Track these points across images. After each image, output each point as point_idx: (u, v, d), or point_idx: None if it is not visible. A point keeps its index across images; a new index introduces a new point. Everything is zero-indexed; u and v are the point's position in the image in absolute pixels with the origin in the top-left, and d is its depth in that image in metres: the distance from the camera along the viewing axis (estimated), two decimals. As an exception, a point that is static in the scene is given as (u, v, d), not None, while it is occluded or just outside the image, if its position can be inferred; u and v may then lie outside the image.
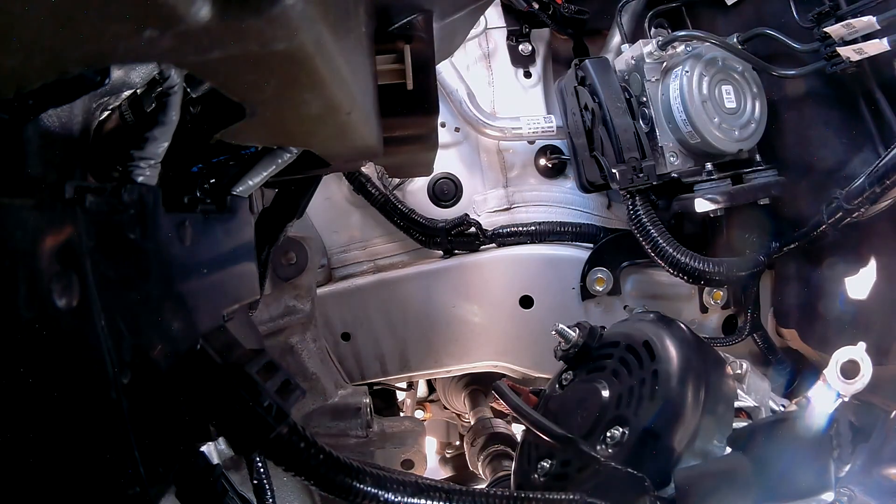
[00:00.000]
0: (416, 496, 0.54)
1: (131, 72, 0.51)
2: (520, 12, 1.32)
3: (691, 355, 0.75)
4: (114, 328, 0.37)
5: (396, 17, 0.53)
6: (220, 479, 0.52)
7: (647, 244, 1.14)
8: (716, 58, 1.13)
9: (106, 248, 0.37)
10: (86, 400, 0.36)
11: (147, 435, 0.40)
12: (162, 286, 0.44)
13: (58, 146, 0.46)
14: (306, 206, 0.85)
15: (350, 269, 1.38)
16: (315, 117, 0.43)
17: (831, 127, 1.10)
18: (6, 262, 0.31)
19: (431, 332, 1.37)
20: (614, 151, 1.11)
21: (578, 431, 0.78)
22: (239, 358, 0.50)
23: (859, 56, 0.97)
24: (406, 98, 0.55)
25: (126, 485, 0.38)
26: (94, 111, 0.51)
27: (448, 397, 1.89)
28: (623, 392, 0.78)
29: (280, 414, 0.48)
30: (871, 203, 0.96)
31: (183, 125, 0.47)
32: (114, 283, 0.38)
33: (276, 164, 0.56)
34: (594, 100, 1.14)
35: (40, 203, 0.33)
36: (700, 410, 0.70)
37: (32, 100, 0.38)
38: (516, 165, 1.35)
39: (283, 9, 0.30)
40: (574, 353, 0.90)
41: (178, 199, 0.51)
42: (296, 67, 0.35)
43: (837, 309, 1.10)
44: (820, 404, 0.65)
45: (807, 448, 0.63)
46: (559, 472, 0.77)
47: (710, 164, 1.15)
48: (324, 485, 0.52)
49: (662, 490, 0.66)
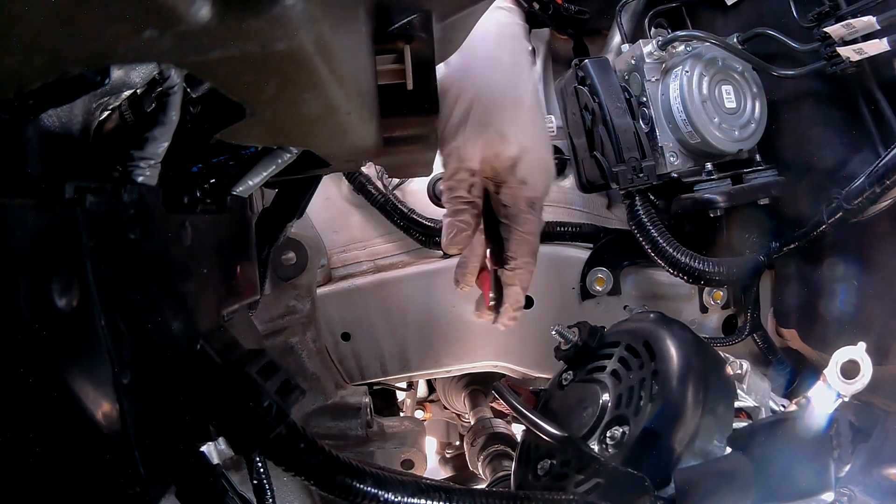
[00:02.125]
0: (416, 496, 0.55)
1: (131, 72, 0.51)
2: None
3: (691, 355, 0.75)
4: (114, 328, 0.37)
5: (396, 17, 0.53)
6: (220, 479, 0.52)
7: (647, 244, 1.14)
8: (716, 58, 1.13)
9: (106, 248, 0.38)
10: (86, 400, 0.36)
11: (147, 435, 0.40)
12: (162, 286, 0.44)
13: (58, 146, 0.46)
14: (306, 206, 0.85)
15: (350, 269, 1.38)
16: (315, 117, 0.43)
17: (831, 127, 1.10)
18: (6, 262, 0.31)
19: (431, 332, 1.37)
20: (614, 151, 1.11)
21: (578, 431, 0.78)
22: (239, 358, 0.50)
23: (859, 56, 0.97)
24: (406, 98, 0.55)
25: (126, 485, 0.38)
26: (94, 111, 0.51)
27: (448, 397, 1.89)
28: (623, 392, 0.78)
29: (280, 414, 0.48)
30: (872, 203, 0.96)
31: (183, 125, 0.47)
32: (114, 283, 0.38)
33: (276, 164, 0.56)
34: (594, 100, 1.14)
35: (40, 203, 0.33)
36: (700, 410, 0.70)
37: (32, 100, 0.38)
38: (516, 165, 1.35)
39: (283, 9, 0.30)
40: (574, 353, 0.90)
41: (178, 199, 0.51)
42: (296, 67, 0.35)
43: (837, 309, 1.10)
44: (820, 404, 0.65)
45: (807, 448, 0.63)
46: (559, 472, 0.77)
47: (710, 164, 1.15)
48: (324, 485, 0.52)
49: (662, 490, 0.66)
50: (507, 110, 0.98)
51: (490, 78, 0.97)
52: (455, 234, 0.99)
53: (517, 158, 0.97)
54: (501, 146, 0.97)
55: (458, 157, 0.97)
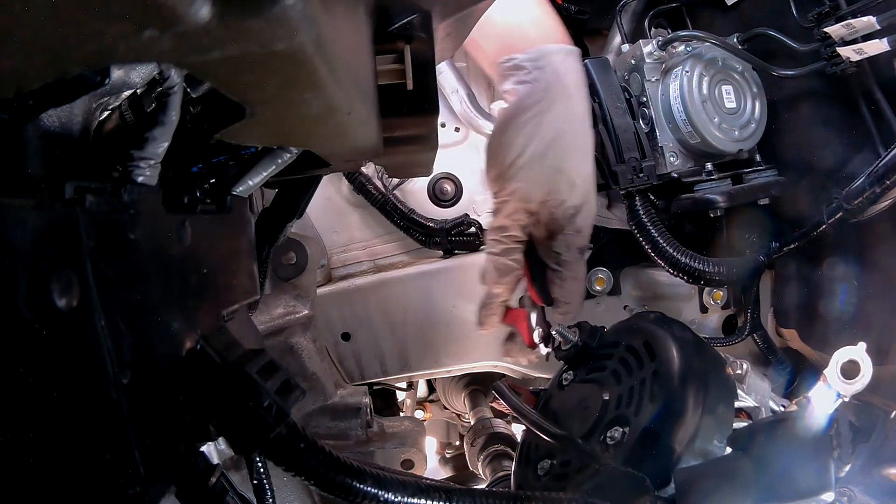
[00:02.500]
0: (416, 496, 0.55)
1: (131, 72, 0.51)
2: (520, 12, 1.32)
3: (692, 356, 0.75)
4: (114, 328, 0.37)
5: (396, 17, 0.53)
6: (221, 479, 0.52)
7: (647, 244, 1.14)
8: (716, 58, 1.13)
9: (106, 248, 0.38)
10: (86, 400, 0.36)
11: (147, 435, 0.40)
12: (162, 286, 0.44)
13: (58, 146, 0.46)
14: (306, 206, 0.85)
15: (350, 269, 1.38)
16: (315, 117, 0.43)
17: (831, 127, 1.10)
18: (6, 262, 0.31)
19: (431, 332, 1.37)
20: (614, 151, 1.11)
21: (578, 431, 0.78)
22: (239, 358, 0.50)
23: (859, 56, 0.97)
24: (406, 98, 0.55)
25: (126, 485, 0.38)
26: (94, 111, 0.51)
27: (448, 397, 1.90)
28: (623, 392, 0.78)
29: (280, 414, 0.48)
30: (872, 203, 0.96)
31: (183, 125, 0.47)
32: (114, 283, 0.38)
33: (276, 164, 0.56)
34: (594, 100, 1.14)
35: (40, 203, 0.33)
36: (700, 410, 0.70)
37: (32, 100, 0.38)
38: (516, 165, 1.35)
39: (283, 9, 0.30)
40: (574, 353, 0.90)
41: (178, 199, 0.51)
42: (296, 67, 0.35)
43: (837, 309, 1.10)
44: (820, 404, 0.65)
45: (807, 448, 0.63)
46: (559, 472, 0.78)
47: (710, 164, 1.15)
48: (324, 485, 0.52)
49: (662, 490, 0.66)
50: (579, 159, 1.00)
51: (570, 123, 0.99)
52: (504, 274, 1.02)
53: (579, 208, 1.01)
54: (569, 194, 0.99)
55: (520, 198, 0.99)
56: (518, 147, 0.98)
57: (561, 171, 0.98)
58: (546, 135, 0.97)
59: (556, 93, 0.98)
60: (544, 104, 0.97)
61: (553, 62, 0.99)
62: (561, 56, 0.99)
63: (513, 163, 0.98)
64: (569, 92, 0.99)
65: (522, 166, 0.98)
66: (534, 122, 0.97)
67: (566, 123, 0.99)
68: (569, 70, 1.00)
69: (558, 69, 0.99)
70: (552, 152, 0.98)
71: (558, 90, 0.98)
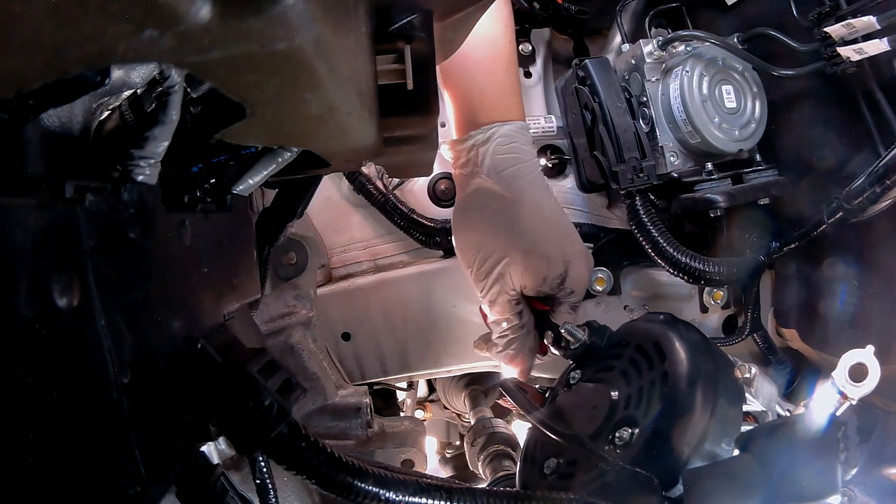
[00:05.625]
0: (417, 495, 0.55)
1: (131, 72, 0.51)
2: (520, 12, 1.32)
3: (701, 358, 0.75)
4: (114, 328, 0.37)
5: (396, 17, 0.53)
6: (221, 478, 0.52)
7: (648, 244, 1.14)
8: (716, 58, 1.13)
9: (106, 248, 0.38)
10: (86, 400, 0.36)
11: (147, 435, 0.40)
12: (162, 286, 0.44)
13: (58, 146, 0.46)
14: (306, 206, 0.85)
15: (350, 269, 1.38)
16: (315, 117, 0.43)
17: (831, 127, 1.10)
18: (6, 262, 0.31)
19: (431, 332, 1.37)
20: (614, 151, 1.11)
21: (586, 431, 0.78)
22: (240, 357, 0.50)
23: (859, 56, 0.96)
24: (406, 98, 0.55)
25: (126, 485, 0.38)
26: (94, 111, 0.51)
27: (448, 397, 1.89)
28: (632, 393, 0.78)
29: (281, 413, 0.48)
30: (872, 203, 0.95)
31: (183, 125, 0.47)
32: (114, 282, 0.38)
33: (276, 163, 0.56)
34: (594, 100, 1.14)
35: (40, 203, 0.33)
36: (709, 413, 0.70)
37: (32, 100, 0.38)
38: (516, 165, 1.35)
39: (283, 9, 0.30)
40: (582, 352, 0.90)
41: (178, 198, 0.51)
42: (296, 67, 0.35)
43: (837, 309, 1.10)
44: (827, 407, 0.64)
45: (814, 451, 0.63)
46: (566, 472, 0.77)
47: (710, 164, 1.15)
48: (325, 483, 0.52)
49: (670, 490, 0.66)
50: (544, 232, 1.06)
51: (526, 208, 1.06)
52: (519, 362, 1.11)
53: (564, 274, 1.06)
54: (547, 269, 1.04)
55: (502, 291, 1.06)
56: (481, 248, 1.04)
57: (531, 253, 1.02)
58: (502, 230, 1.03)
59: (507, 182, 1.04)
60: (495, 198, 1.03)
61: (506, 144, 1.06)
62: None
63: (482, 266, 1.05)
64: (520, 174, 1.05)
65: (492, 267, 1.04)
66: (486, 219, 1.04)
67: (523, 211, 1.04)
68: (529, 164, 1.08)
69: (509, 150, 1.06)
70: (515, 243, 1.03)
71: (508, 178, 1.04)
